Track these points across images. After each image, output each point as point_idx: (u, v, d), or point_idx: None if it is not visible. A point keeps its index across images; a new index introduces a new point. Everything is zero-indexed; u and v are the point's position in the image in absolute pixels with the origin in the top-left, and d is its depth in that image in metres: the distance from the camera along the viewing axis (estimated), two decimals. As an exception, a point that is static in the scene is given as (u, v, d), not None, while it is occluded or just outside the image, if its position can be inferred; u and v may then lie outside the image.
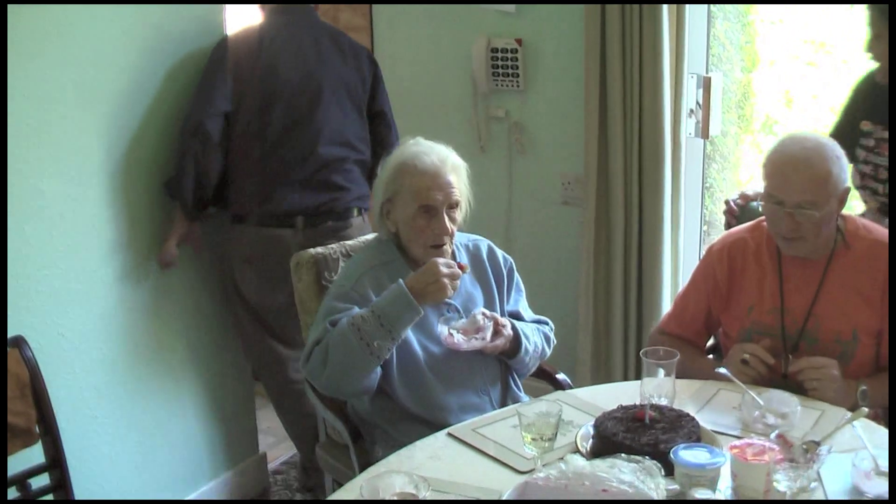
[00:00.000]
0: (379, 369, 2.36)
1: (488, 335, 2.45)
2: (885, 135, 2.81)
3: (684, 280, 2.93)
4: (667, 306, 3.69)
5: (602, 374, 3.89)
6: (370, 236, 2.80)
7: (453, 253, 2.57)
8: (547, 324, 2.75)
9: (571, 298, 3.98)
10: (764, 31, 3.79)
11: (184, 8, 3.05)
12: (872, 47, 2.72)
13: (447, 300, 2.48)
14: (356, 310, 2.36)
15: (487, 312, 2.49)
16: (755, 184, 3.48)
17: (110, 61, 2.85)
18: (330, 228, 3.23)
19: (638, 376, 3.76)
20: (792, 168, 2.36)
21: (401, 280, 2.35)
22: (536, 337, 2.63)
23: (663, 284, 3.69)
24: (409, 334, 2.43)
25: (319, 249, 2.78)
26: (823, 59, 3.74)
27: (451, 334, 2.42)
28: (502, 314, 2.61)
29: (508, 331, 2.51)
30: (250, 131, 3.11)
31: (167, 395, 3.23)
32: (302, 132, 3.15)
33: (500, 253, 2.70)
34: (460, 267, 2.40)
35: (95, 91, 2.82)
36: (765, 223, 2.60)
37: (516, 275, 2.72)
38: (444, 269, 2.34)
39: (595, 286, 3.82)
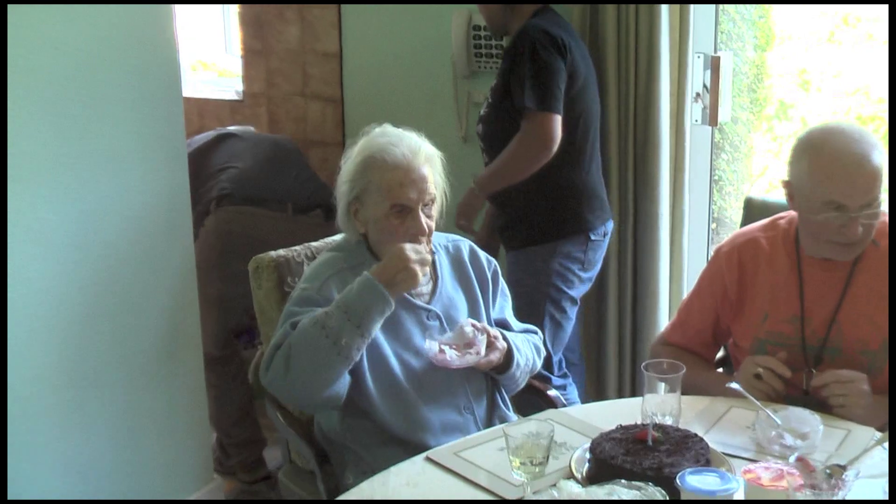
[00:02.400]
0: (348, 376, 2.35)
1: (482, 349, 2.45)
2: None
3: (691, 284, 2.93)
4: (664, 314, 3.72)
5: (594, 389, 3.91)
6: (337, 237, 2.80)
7: (432, 253, 2.57)
8: (536, 334, 2.76)
9: None
10: (780, 6, 3.80)
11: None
12: None
13: (427, 306, 2.49)
14: (321, 308, 2.36)
15: (478, 324, 2.49)
16: (771, 175, 3.50)
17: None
18: None
19: (633, 392, 3.85)
20: (855, 167, 2.34)
21: (366, 272, 2.36)
22: (527, 349, 2.64)
23: (660, 289, 3.71)
24: (385, 345, 2.43)
25: (282, 252, 2.78)
26: (845, 35, 3.75)
27: (441, 350, 2.42)
28: (488, 322, 2.62)
29: (502, 343, 2.52)
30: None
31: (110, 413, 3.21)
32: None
33: (482, 254, 2.71)
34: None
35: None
36: (781, 221, 2.61)
37: (501, 279, 2.73)
38: (413, 255, 2.36)
39: (584, 295, 3.82)
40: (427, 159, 2.47)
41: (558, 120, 3.21)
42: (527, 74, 3.19)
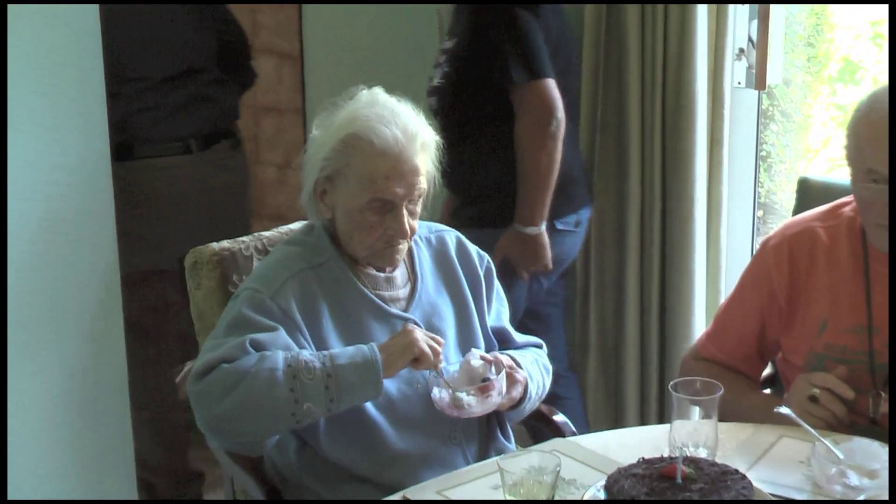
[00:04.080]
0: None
1: (503, 386, 2.45)
2: None
3: (731, 285, 2.94)
4: (698, 322, 3.74)
5: (611, 415, 3.93)
6: (295, 225, 2.80)
7: (410, 251, 2.59)
8: (540, 347, 2.77)
9: (566, 311, 4.00)
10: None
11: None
12: None
13: (403, 314, 2.51)
14: (305, 353, 2.34)
15: (487, 355, 2.50)
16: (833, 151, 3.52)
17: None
18: None
19: (659, 418, 3.88)
20: None
21: (374, 344, 2.36)
22: (538, 373, 2.65)
23: (693, 291, 3.73)
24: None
25: (226, 244, 2.77)
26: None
27: (457, 397, 2.40)
28: (483, 333, 2.64)
29: (521, 373, 2.54)
30: None
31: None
32: None
33: (473, 249, 2.73)
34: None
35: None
36: (845, 208, 2.61)
37: (496, 280, 2.75)
38: (425, 347, 2.36)
39: (600, 293, 3.87)
40: (423, 147, 2.47)
41: (553, 83, 3.35)
42: (507, 44, 3.31)
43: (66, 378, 3.36)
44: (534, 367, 2.63)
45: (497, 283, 2.75)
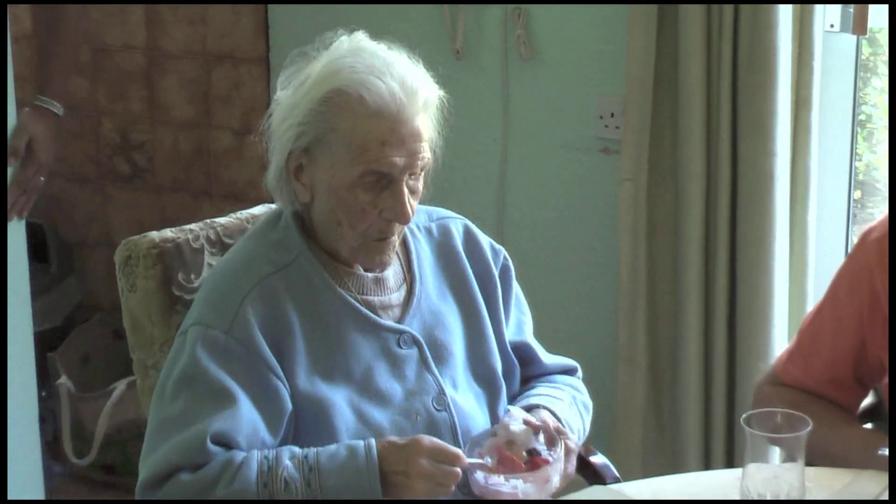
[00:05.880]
0: None
1: (562, 464, 2.45)
2: None
3: (819, 290, 2.94)
4: (779, 334, 3.74)
5: (666, 454, 3.93)
6: (258, 210, 2.81)
7: (405, 243, 2.62)
8: (575, 371, 2.80)
9: (607, 318, 4.04)
10: None
11: None
12: None
13: (398, 326, 2.54)
14: (284, 459, 2.35)
15: (531, 418, 2.50)
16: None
17: None
18: None
19: (727, 460, 3.88)
20: None
21: (373, 443, 2.36)
22: (578, 419, 2.69)
23: (772, 297, 3.72)
24: (326, 391, 2.45)
25: (168, 233, 2.76)
26: None
27: (511, 485, 2.40)
28: (501, 350, 2.66)
29: (573, 440, 2.55)
30: None
31: None
32: None
33: (485, 241, 2.76)
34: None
35: None
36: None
37: (515, 281, 2.78)
38: (436, 487, 2.37)
39: (651, 296, 3.88)
40: (426, 106, 2.48)
41: None
42: None
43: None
44: (574, 415, 2.66)
45: (516, 286, 2.77)
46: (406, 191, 2.44)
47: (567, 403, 2.64)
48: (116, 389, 4.54)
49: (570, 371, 2.78)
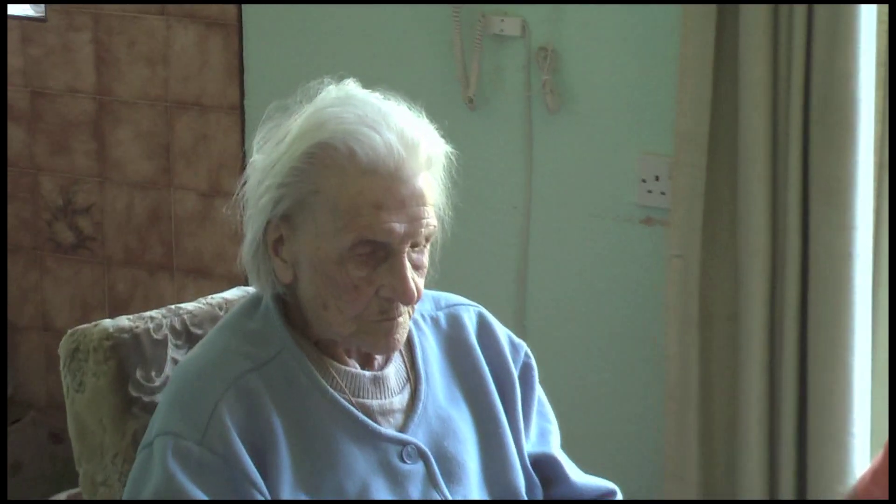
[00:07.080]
0: None
1: None
2: None
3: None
4: (860, 451, 3.71)
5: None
6: (231, 294, 2.82)
7: (409, 336, 2.60)
8: (613, 495, 2.82)
9: (652, 426, 4.06)
10: None
11: None
12: None
13: (400, 436, 2.52)
14: None
15: None
16: None
17: None
18: None
19: None
20: None
21: None
22: None
23: (852, 400, 3.70)
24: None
25: (125, 321, 2.74)
26: None
27: None
28: (521, 461, 2.66)
29: None
30: None
31: None
32: None
33: (503, 333, 2.78)
34: None
35: None
36: None
37: (537, 381, 2.80)
38: None
39: (702, 400, 3.88)
40: (428, 163, 2.47)
41: None
42: None
43: None
44: None
45: (539, 389, 2.79)
46: (408, 265, 2.42)
47: None
48: (60, 506, 4.53)
49: (607, 495, 2.78)
